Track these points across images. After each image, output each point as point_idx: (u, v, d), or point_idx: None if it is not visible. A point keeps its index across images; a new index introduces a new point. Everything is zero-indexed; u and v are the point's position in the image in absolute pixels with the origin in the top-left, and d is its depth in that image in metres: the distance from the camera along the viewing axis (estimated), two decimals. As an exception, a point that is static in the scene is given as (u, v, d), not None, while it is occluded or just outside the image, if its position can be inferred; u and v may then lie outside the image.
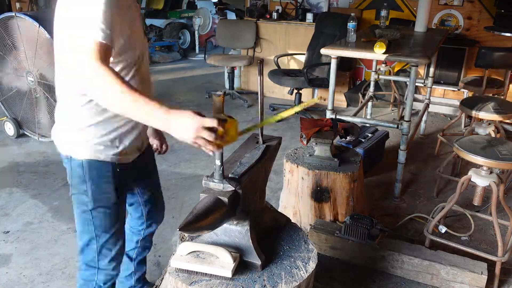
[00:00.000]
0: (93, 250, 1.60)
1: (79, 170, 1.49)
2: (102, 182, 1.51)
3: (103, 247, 1.60)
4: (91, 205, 1.52)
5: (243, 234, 1.47)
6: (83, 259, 1.63)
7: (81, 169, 1.48)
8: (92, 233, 1.57)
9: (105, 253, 1.61)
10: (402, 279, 2.33)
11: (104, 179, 1.51)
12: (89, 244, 1.59)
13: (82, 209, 1.54)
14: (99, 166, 1.49)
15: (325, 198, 2.55)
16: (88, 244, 1.59)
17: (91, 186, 1.50)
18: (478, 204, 2.42)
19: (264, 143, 1.67)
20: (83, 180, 1.50)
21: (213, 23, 8.47)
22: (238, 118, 4.86)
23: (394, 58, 2.89)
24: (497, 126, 3.20)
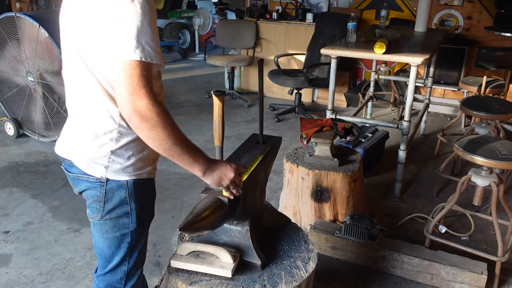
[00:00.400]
0: (123, 272, 1.48)
1: (121, 192, 1.35)
2: (145, 201, 1.43)
3: (133, 268, 1.49)
4: (133, 226, 1.41)
5: (243, 234, 1.47)
6: (107, 280, 1.49)
7: (124, 191, 1.35)
8: (126, 255, 1.45)
9: (133, 273, 1.51)
10: (402, 279, 2.33)
11: (147, 197, 1.44)
12: (120, 265, 1.47)
13: (121, 232, 1.41)
14: (143, 185, 1.39)
15: (325, 198, 2.55)
16: (119, 265, 1.47)
17: (136, 207, 1.38)
18: (478, 204, 2.42)
19: (264, 143, 1.67)
20: (126, 202, 1.37)
21: (213, 23, 8.47)
22: (238, 118, 4.88)
23: (394, 58, 2.89)
24: (497, 126, 3.20)
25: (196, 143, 1.24)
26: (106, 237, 1.43)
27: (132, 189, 1.36)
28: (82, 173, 1.35)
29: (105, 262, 1.48)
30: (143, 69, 1.12)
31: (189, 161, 1.21)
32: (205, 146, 4.00)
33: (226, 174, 1.29)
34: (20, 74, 3.87)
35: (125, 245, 1.43)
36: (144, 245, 1.51)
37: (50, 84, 3.74)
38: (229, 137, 4.31)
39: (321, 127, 2.62)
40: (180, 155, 1.19)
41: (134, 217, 1.40)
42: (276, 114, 4.82)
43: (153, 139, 1.15)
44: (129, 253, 1.46)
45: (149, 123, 1.12)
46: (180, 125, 1.19)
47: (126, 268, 1.48)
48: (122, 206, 1.37)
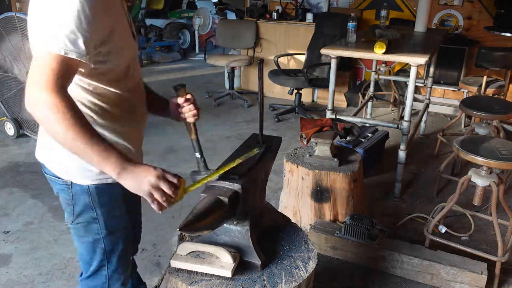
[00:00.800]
0: (104, 276, 1.47)
1: (84, 196, 1.32)
2: (114, 206, 1.38)
3: (114, 272, 1.48)
4: (104, 232, 1.38)
5: (243, 234, 1.47)
6: (89, 284, 1.49)
7: (87, 196, 1.32)
8: (103, 260, 1.43)
9: (116, 278, 1.49)
10: (402, 279, 2.33)
11: (116, 203, 1.38)
12: (99, 270, 1.46)
13: (93, 237, 1.39)
14: (108, 190, 1.33)
15: (325, 198, 2.55)
16: (98, 270, 1.46)
17: (102, 213, 1.35)
18: (478, 204, 2.42)
19: (264, 143, 1.67)
20: (91, 207, 1.34)
21: (213, 23, 8.47)
22: (238, 118, 4.88)
23: (394, 58, 2.89)
24: (497, 126, 3.20)
25: (195, 143, 1.23)
26: (81, 241, 1.43)
27: (95, 194, 1.32)
28: (52, 175, 1.35)
29: (86, 266, 1.48)
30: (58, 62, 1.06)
31: (98, 159, 1.09)
32: (205, 146, 3.97)
33: (146, 177, 1.12)
34: (20, 74, 3.87)
35: (100, 250, 1.42)
36: (123, 251, 1.48)
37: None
38: (229, 137, 4.31)
39: (321, 127, 2.62)
40: (85, 152, 1.08)
41: (103, 223, 1.37)
42: (276, 114, 4.82)
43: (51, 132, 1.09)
44: (106, 258, 1.44)
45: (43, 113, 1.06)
46: (180, 125, 1.19)
47: (106, 272, 1.46)
48: (88, 211, 1.35)
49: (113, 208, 1.38)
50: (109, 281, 1.48)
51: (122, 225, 1.43)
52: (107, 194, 1.34)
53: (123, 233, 1.45)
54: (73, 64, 1.09)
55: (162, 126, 4.50)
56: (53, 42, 1.06)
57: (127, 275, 1.56)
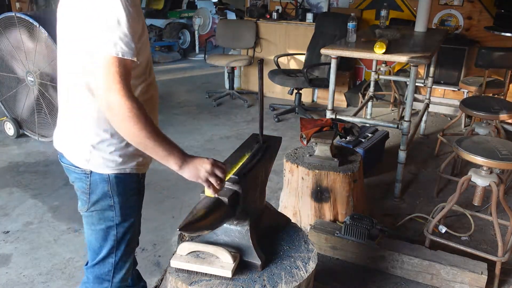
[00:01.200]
0: (110, 264, 1.53)
1: (103, 185, 1.40)
2: (129, 195, 1.46)
3: (120, 260, 1.54)
4: (118, 219, 1.46)
5: (243, 234, 1.47)
6: (95, 272, 1.55)
7: (106, 184, 1.40)
8: (113, 248, 1.50)
9: (121, 266, 1.55)
10: (402, 279, 2.33)
11: (131, 192, 1.46)
12: (107, 257, 1.52)
13: (106, 225, 1.46)
14: (126, 179, 1.42)
15: (325, 198, 2.54)
16: (106, 257, 1.52)
17: (119, 201, 1.43)
18: (478, 204, 2.42)
19: (264, 143, 1.67)
20: (109, 195, 1.41)
21: (213, 23, 8.47)
22: (238, 118, 4.88)
23: (394, 58, 2.89)
24: (497, 126, 3.20)
25: (196, 143, 1.25)
26: (93, 229, 1.49)
27: (114, 183, 1.40)
28: (70, 164, 1.42)
29: (94, 254, 1.53)
30: (118, 65, 1.17)
31: (163, 154, 1.23)
32: (205, 146, 4.01)
33: (203, 166, 1.28)
34: (20, 74, 3.87)
35: (112, 237, 1.48)
36: (131, 239, 1.54)
37: (49, 84, 3.74)
38: (229, 137, 4.31)
39: (321, 127, 2.62)
40: (154, 149, 1.22)
41: (118, 211, 1.44)
42: (276, 114, 4.82)
43: (125, 132, 1.21)
44: (115, 245, 1.50)
45: (120, 117, 1.17)
46: (180, 125, 1.21)
47: (113, 260, 1.52)
48: (105, 199, 1.42)
49: (128, 197, 1.45)
50: (115, 269, 1.54)
51: (135, 213, 1.51)
52: (124, 184, 1.42)
53: (135, 222, 1.53)
54: (129, 64, 1.20)
55: (162, 126, 4.50)
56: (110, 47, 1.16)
57: (130, 265, 1.60)
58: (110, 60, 1.17)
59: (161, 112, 1.94)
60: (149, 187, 3.11)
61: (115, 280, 1.56)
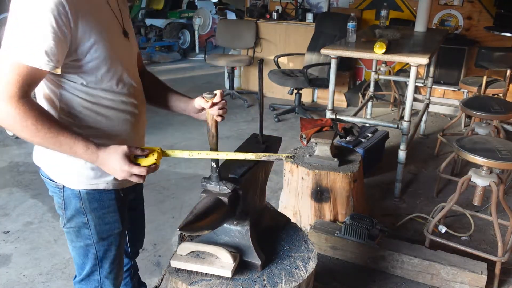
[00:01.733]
0: (96, 281, 1.48)
1: (76, 201, 1.32)
2: (105, 213, 1.36)
3: (107, 278, 1.48)
4: (95, 238, 1.38)
5: (243, 234, 1.47)
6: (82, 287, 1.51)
7: (79, 200, 1.32)
8: (95, 265, 1.44)
9: (108, 283, 1.50)
10: (402, 279, 2.33)
11: (108, 209, 1.36)
12: (91, 275, 1.47)
13: (84, 242, 1.40)
14: (100, 196, 1.33)
15: (325, 198, 2.55)
16: (90, 275, 1.47)
17: (93, 219, 1.35)
18: (478, 204, 2.42)
19: (264, 143, 1.67)
20: (82, 212, 1.33)
21: (213, 23, 8.47)
22: (238, 118, 4.88)
23: (394, 58, 2.89)
24: (497, 126, 3.20)
25: (196, 143, 1.24)
26: (73, 246, 1.43)
27: (86, 199, 1.32)
28: (46, 177, 1.36)
29: (79, 270, 1.48)
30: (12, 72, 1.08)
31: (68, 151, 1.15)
32: (205, 146, 3.98)
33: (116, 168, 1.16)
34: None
35: (91, 256, 1.42)
36: (116, 257, 1.48)
37: (50, 84, 3.74)
38: (229, 137, 4.31)
39: (321, 127, 2.62)
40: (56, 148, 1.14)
41: (93, 229, 1.37)
42: (276, 114, 4.82)
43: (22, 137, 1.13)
44: (98, 263, 1.44)
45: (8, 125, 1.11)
46: (180, 125, 1.20)
47: (98, 277, 1.47)
48: (79, 216, 1.35)
49: (104, 214, 1.37)
50: (102, 286, 1.49)
51: (114, 231, 1.42)
52: (98, 200, 1.34)
53: (116, 239, 1.44)
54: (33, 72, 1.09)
55: (162, 126, 4.50)
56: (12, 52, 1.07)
57: (120, 280, 1.56)
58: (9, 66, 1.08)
59: (161, 112, 1.94)
60: (149, 187, 3.12)
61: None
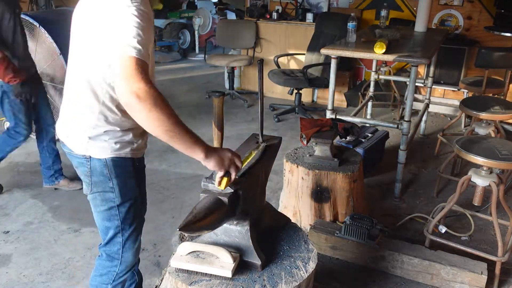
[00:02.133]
0: (119, 243, 1.64)
1: (102, 168, 1.50)
2: (127, 177, 1.55)
3: (128, 240, 1.65)
4: (118, 200, 1.56)
5: (243, 234, 1.47)
6: (106, 250, 1.67)
7: (105, 168, 1.50)
8: (118, 227, 1.61)
9: (129, 246, 1.66)
10: (402, 279, 2.33)
11: (128, 174, 1.55)
12: (115, 237, 1.63)
13: (108, 205, 1.57)
14: (122, 163, 1.52)
15: (325, 198, 2.55)
16: (114, 237, 1.63)
17: (117, 183, 1.53)
18: (478, 204, 2.42)
19: (264, 143, 1.67)
20: (108, 178, 1.51)
21: (213, 23, 8.47)
22: (238, 118, 4.88)
23: (394, 58, 2.89)
24: (497, 126, 3.20)
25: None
26: (98, 211, 1.60)
27: (112, 166, 1.50)
28: (71, 150, 1.54)
29: (103, 235, 1.65)
30: (138, 62, 1.23)
31: (191, 142, 1.27)
32: (205, 146, 3.99)
33: (226, 155, 1.35)
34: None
35: (115, 218, 1.59)
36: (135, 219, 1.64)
37: (49, 84, 3.74)
38: (229, 137, 4.31)
39: (321, 127, 2.62)
40: (182, 136, 1.25)
41: (118, 192, 1.54)
42: (276, 114, 4.82)
43: (152, 120, 1.22)
44: (120, 225, 1.61)
45: (148, 104, 1.20)
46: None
47: (121, 240, 1.63)
48: (105, 181, 1.52)
49: (126, 179, 1.55)
50: (123, 248, 1.65)
51: (134, 195, 1.60)
52: (121, 167, 1.52)
53: (135, 203, 1.62)
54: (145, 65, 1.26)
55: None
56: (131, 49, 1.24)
57: (139, 243, 1.72)
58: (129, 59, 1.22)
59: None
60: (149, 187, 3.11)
61: (124, 259, 1.67)
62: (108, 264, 1.69)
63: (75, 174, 2.15)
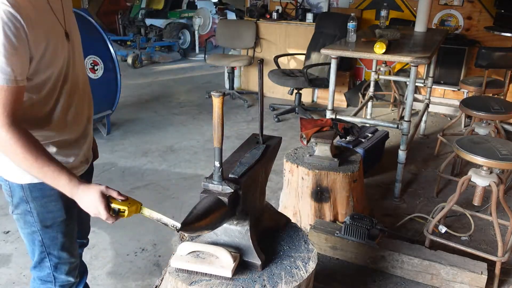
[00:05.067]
0: (47, 267, 1.52)
1: (19, 191, 1.39)
2: (47, 201, 1.41)
3: (58, 263, 1.53)
4: (38, 225, 1.44)
5: (243, 234, 1.47)
6: (37, 274, 1.55)
7: (22, 190, 1.38)
8: (44, 252, 1.49)
9: (60, 268, 1.54)
10: (402, 279, 2.33)
11: (50, 198, 1.41)
12: (42, 262, 1.51)
13: (30, 229, 1.45)
14: (41, 186, 1.35)
15: (325, 198, 2.55)
16: (41, 262, 1.51)
17: (35, 207, 1.41)
18: (478, 204, 2.42)
19: (264, 143, 1.67)
20: (24, 200, 1.39)
21: (213, 23, 8.47)
22: (238, 118, 4.88)
23: (394, 58, 2.89)
24: (497, 126, 3.20)
25: (196, 143, 1.24)
26: (22, 232, 1.49)
27: (28, 189, 1.38)
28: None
29: (31, 256, 1.54)
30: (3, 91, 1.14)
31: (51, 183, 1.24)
32: (205, 146, 4.00)
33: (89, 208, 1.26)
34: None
35: (38, 243, 1.47)
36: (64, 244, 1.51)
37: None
38: (229, 137, 4.31)
39: (321, 127, 2.62)
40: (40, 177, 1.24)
41: (36, 217, 1.42)
42: (276, 114, 4.82)
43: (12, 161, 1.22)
44: (45, 250, 1.49)
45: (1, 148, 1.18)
46: (180, 125, 1.20)
47: (49, 264, 1.52)
48: (22, 204, 1.41)
49: (46, 203, 1.41)
50: (54, 272, 1.53)
51: (58, 219, 1.46)
52: (39, 190, 1.39)
53: (62, 227, 1.48)
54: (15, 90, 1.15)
55: (162, 126, 4.50)
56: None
57: (73, 265, 1.59)
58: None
59: (161, 112, 1.95)
60: (149, 187, 3.12)
61: (58, 280, 1.56)
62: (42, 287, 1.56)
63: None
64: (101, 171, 3.54)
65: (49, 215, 1.43)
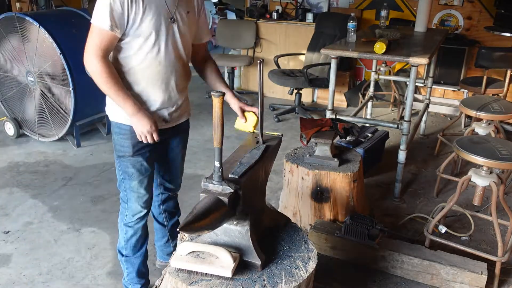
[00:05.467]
0: (123, 189, 1.98)
1: (112, 126, 1.91)
2: (122, 138, 1.88)
3: (128, 190, 1.95)
4: (116, 154, 1.93)
5: (243, 234, 1.47)
6: (120, 193, 2.02)
7: (112, 126, 1.91)
8: (120, 175, 1.96)
9: (130, 195, 1.96)
10: (402, 279, 2.33)
11: (123, 136, 1.87)
12: (120, 183, 1.98)
13: (115, 155, 1.94)
14: (120, 126, 1.87)
15: (325, 198, 2.55)
16: (120, 184, 1.98)
17: (115, 140, 1.91)
18: (478, 204, 2.42)
19: (264, 143, 1.67)
20: (113, 133, 1.92)
21: (213, 23, 8.46)
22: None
23: (394, 58, 2.89)
24: (497, 126, 3.20)
25: (196, 143, 1.24)
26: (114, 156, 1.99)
27: (114, 125, 1.90)
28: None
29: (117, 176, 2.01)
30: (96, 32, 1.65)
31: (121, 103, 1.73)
32: (205, 146, 4.00)
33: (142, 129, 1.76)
34: (20, 74, 3.87)
35: (117, 166, 1.96)
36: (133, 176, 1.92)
37: (50, 84, 3.74)
38: (229, 137, 4.31)
39: (321, 127, 2.62)
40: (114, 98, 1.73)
41: (115, 147, 1.93)
42: (276, 114, 4.82)
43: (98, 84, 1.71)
44: (121, 174, 1.95)
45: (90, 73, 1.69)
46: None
47: (125, 187, 1.96)
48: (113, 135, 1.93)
49: (120, 138, 1.88)
50: (127, 194, 1.97)
51: (127, 154, 1.89)
52: (118, 127, 1.88)
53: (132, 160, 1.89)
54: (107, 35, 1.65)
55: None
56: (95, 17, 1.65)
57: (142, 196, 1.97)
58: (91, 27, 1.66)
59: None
60: (149, 187, 3.03)
61: (129, 204, 1.99)
62: (123, 205, 2.02)
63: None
64: (101, 171, 3.54)
65: (121, 148, 1.89)
